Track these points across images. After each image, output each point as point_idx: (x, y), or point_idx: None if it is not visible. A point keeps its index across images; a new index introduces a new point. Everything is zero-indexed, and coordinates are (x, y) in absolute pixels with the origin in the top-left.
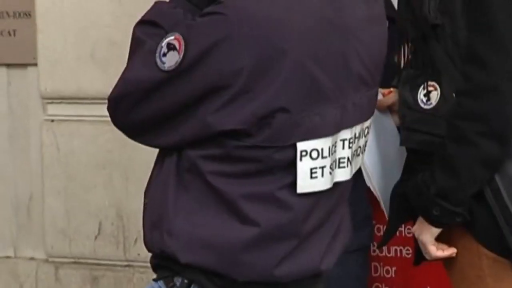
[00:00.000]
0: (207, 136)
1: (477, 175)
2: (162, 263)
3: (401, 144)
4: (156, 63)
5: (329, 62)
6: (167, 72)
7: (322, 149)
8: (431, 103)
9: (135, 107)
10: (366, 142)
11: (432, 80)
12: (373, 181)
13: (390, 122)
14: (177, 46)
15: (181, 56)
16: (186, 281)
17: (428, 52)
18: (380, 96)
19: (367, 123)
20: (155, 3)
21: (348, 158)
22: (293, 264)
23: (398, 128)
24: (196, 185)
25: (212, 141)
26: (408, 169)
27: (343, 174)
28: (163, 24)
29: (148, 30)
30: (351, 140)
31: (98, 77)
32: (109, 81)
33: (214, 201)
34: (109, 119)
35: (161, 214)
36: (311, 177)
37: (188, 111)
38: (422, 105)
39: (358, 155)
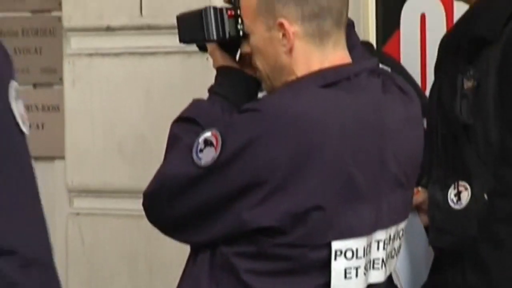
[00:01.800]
0: (242, 233)
1: (510, 277)
2: None
3: (430, 243)
4: (192, 158)
5: (365, 162)
6: (204, 168)
7: (357, 249)
8: (461, 203)
9: (170, 202)
10: (400, 244)
11: (462, 180)
12: (401, 281)
13: (418, 221)
14: (214, 142)
15: (218, 152)
16: None
17: (459, 152)
18: None
19: (402, 225)
20: (194, 100)
21: (383, 260)
22: None
23: (426, 228)
24: (229, 281)
25: (246, 238)
26: (436, 269)
27: (377, 276)
28: (201, 121)
29: (186, 126)
30: (386, 242)
31: (125, 171)
32: (135, 175)
33: None
34: (134, 213)
35: None
36: (345, 277)
37: (224, 208)
38: (452, 205)
39: (393, 257)
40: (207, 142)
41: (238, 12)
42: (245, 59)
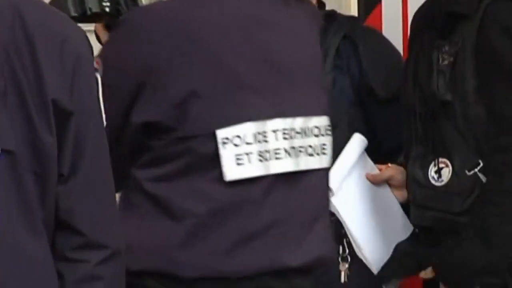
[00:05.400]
0: (133, 137)
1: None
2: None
3: (412, 221)
4: None
5: (247, 53)
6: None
7: (244, 135)
8: (442, 180)
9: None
10: (323, 143)
11: (442, 157)
12: (364, 253)
13: (390, 196)
14: (97, 66)
15: (101, 70)
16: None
17: (438, 129)
18: (376, 171)
19: (314, 121)
20: None
21: (286, 150)
22: (246, 259)
23: (401, 204)
24: (136, 198)
25: (142, 150)
26: (418, 243)
27: (283, 165)
28: None
29: None
30: (287, 133)
31: None
32: None
33: (151, 207)
34: None
35: None
36: (237, 164)
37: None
38: (433, 182)
39: (311, 154)
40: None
41: None
42: None
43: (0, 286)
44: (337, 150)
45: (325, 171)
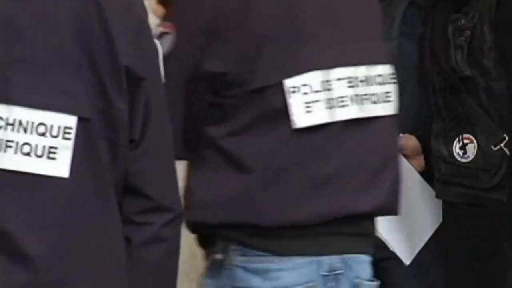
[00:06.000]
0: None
1: None
2: (202, 239)
3: (437, 196)
4: None
5: (312, 3)
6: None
7: (312, 84)
8: (468, 156)
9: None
10: (387, 92)
11: (466, 133)
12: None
13: (409, 168)
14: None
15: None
16: (222, 242)
17: (460, 104)
18: None
19: (377, 71)
20: None
21: (352, 98)
22: (318, 206)
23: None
24: (210, 155)
25: (213, 107)
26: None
27: (349, 113)
28: None
29: None
30: (351, 81)
31: None
32: None
33: (225, 162)
34: None
35: (188, 195)
36: (307, 111)
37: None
38: (458, 158)
39: (375, 102)
40: (161, 35)
41: None
42: None
43: (71, 248)
44: (404, 116)
45: (391, 118)
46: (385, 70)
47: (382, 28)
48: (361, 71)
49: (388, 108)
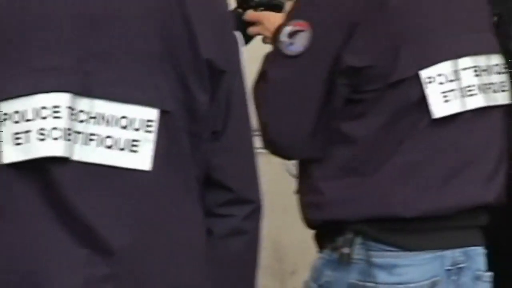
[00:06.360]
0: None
1: None
2: (324, 233)
3: None
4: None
5: None
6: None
7: (446, 74)
8: None
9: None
10: (503, 81)
11: None
12: None
13: None
14: (301, 28)
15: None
16: (349, 237)
17: None
18: None
19: (495, 60)
20: None
21: (479, 87)
22: (452, 196)
23: None
24: (341, 152)
25: (351, 103)
26: None
27: (477, 101)
28: None
29: None
30: (476, 70)
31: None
32: None
33: (358, 158)
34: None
35: (313, 193)
36: (445, 100)
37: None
38: None
39: (495, 91)
40: (293, 34)
41: None
42: None
43: (153, 240)
44: None
45: (505, 108)
46: (500, 59)
47: (490, 19)
48: (482, 60)
49: (505, 98)
